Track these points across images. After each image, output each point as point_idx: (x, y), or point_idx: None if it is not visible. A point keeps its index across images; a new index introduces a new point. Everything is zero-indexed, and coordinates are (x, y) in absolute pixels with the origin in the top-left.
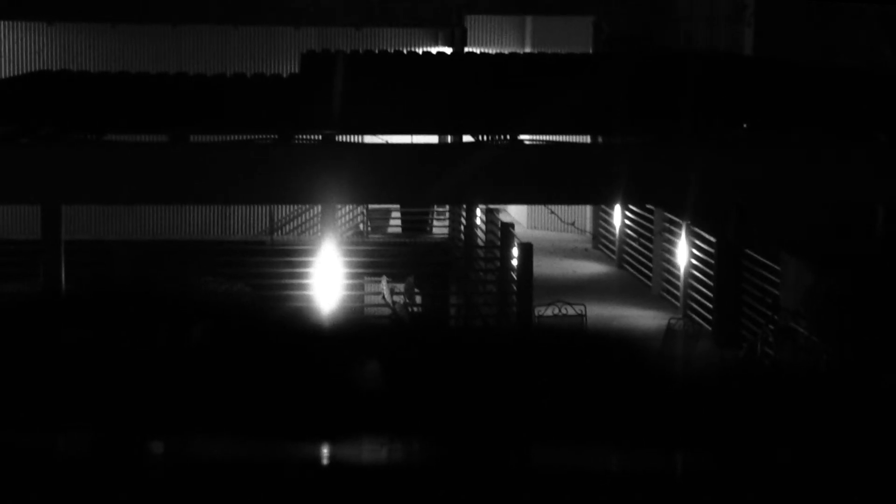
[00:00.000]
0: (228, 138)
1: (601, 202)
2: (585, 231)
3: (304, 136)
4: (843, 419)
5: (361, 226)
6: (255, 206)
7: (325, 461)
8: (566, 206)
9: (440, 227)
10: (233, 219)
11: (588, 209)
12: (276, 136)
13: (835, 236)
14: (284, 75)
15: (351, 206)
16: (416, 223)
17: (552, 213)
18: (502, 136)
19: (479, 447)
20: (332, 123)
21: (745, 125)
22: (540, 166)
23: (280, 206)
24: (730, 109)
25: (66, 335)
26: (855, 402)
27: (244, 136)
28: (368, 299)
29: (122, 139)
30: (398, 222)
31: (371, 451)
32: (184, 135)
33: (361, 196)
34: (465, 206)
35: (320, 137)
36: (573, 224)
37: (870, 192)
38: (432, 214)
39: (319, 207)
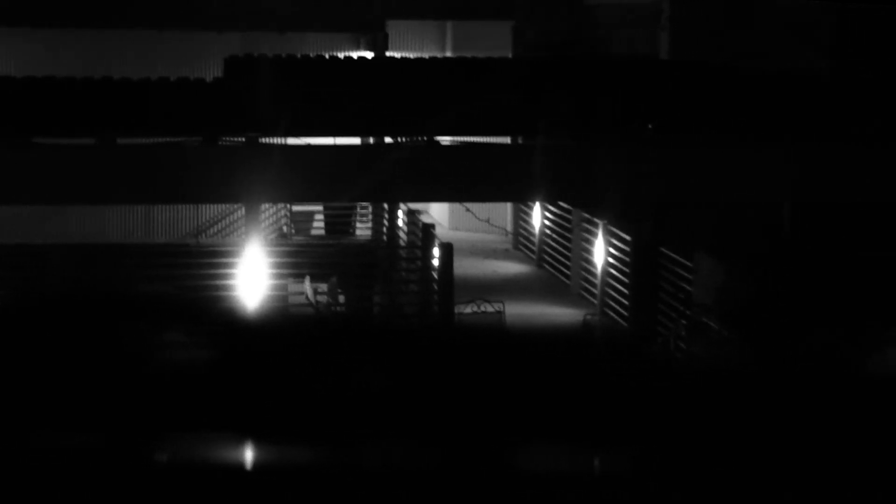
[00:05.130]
0: (155, 141)
1: (517, 200)
2: (506, 231)
3: (229, 138)
4: (753, 410)
5: (285, 228)
6: (178, 210)
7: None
8: (484, 206)
9: (363, 229)
10: (156, 222)
11: (508, 211)
12: (202, 139)
13: (745, 234)
14: (208, 80)
15: (274, 209)
16: (339, 225)
17: (468, 210)
18: (421, 137)
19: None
20: (257, 126)
21: (650, 126)
22: (458, 166)
23: (204, 210)
24: (645, 111)
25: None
26: (764, 393)
27: (170, 139)
28: (292, 299)
29: (50, 143)
30: (321, 224)
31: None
32: (111, 138)
33: (285, 195)
34: (387, 207)
35: (244, 140)
36: (488, 220)
37: (777, 191)
38: (355, 216)
39: (243, 210)
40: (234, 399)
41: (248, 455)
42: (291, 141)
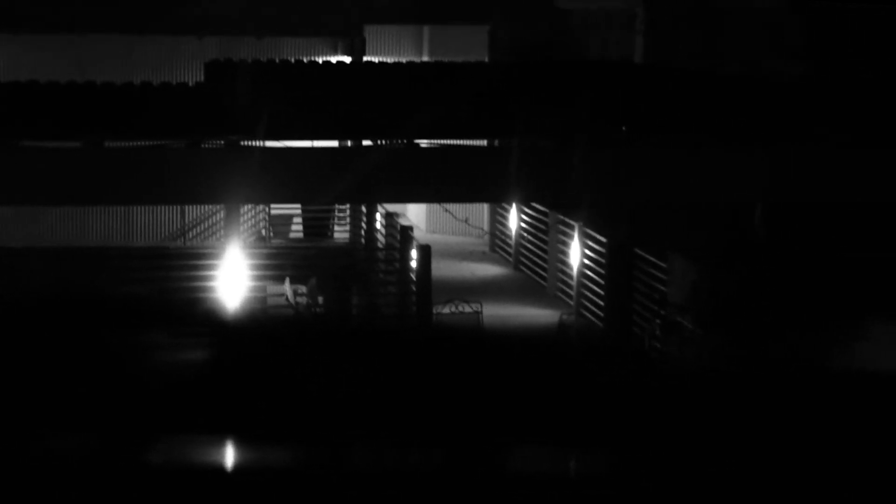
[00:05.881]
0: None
1: (494, 201)
2: (484, 233)
3: (212, 142)
4: (728, 408)
5: (264, 231)
6: (158, 212)
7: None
8: (462, 207)
9: (341, 232)
10: (135, 225)
11: (486, 214)
12: (186, 142)
13: (718, 235)
14: (190, 84)
15: (253, 212)
16: (317, 228)
17: (446, 210)
18: (400, 140)
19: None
20: (238, 129)
21: (624, 128)
22: (435, 168)
23: (186, 213)
24: (619, 114)
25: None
26: (739, 391)
27: (155, 142)
28: (272, 300)
29: (34, 146)
30: (300, 227)
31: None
32: (98, 141)
33: (265, 196)
34: (365, 210)
35: (223, 143)
36: (466, 220)
37: (751, 192)
38: (333, 219)
39: (223, 213)
40: (217, 400)
41: (234, 456)
42: (271, 144)
